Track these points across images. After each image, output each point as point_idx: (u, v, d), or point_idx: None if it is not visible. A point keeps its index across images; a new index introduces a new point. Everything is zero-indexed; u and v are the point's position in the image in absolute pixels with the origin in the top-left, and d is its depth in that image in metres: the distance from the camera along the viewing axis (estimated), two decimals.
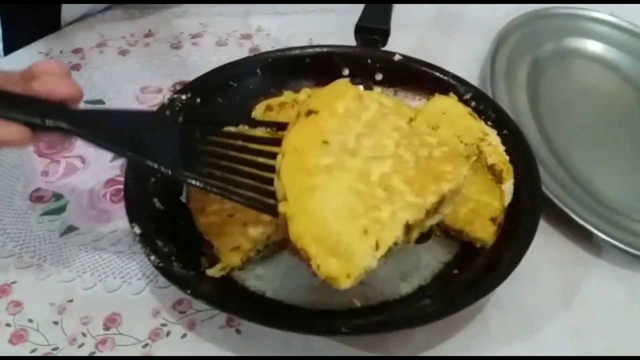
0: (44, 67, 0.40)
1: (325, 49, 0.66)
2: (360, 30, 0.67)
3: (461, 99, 0.60)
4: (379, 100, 0.46)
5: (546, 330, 0.49)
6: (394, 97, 0.63)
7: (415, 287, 0.48)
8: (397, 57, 0.64)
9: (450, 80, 0.62)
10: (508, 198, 0.52)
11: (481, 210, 0.51)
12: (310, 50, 0.66)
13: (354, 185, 0.39)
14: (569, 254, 0.54)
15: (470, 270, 0.48)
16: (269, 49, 0.68)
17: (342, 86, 0.45)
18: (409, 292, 0.47)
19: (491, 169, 0.54)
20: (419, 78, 0.63)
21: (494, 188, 0.53)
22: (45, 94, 0.39)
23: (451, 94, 0.60)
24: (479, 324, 0.48)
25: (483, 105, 0.59)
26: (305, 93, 0.62)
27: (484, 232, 0.50)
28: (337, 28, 0.74)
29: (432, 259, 0.50)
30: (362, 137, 0.42)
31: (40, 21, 0.75)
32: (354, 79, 0.63)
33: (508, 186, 0.53)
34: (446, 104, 0.60)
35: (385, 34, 0.67)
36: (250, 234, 0.47)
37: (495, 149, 0.56)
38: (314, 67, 0.64)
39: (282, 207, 0.37)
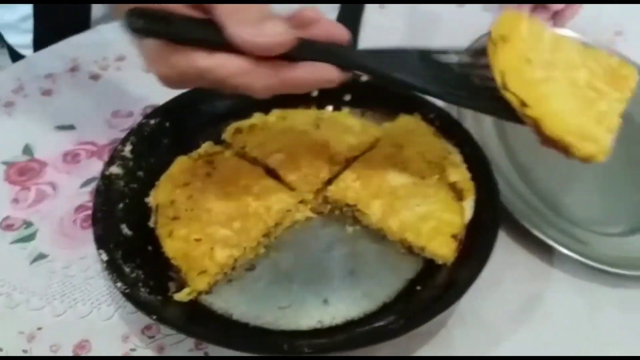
0: (312, 13, 0.41)
1: None
2: None
3: (426, 119, 0.62)
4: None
5: (508, 343, 0.50)
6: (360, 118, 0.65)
7: (379, 305, 0.49)
8: (364, 78, 0.65)
9: (416, 101, 0.63)
10: (469, 215, 0.54)
11: (443, 228, 0.52)
12: None
13: (571, 90, 0.46)
14: (531, 267, 0.56)
15: (432, 286, 0.50)
16: None
17: (513, 14, 0.48)
18: (373, 310, 0.48)
19: (453, 186, 0.56)
20: (385, 99, 0.64)
21: (456, 205, 0.55)
22: (326, 38, 0.41)
23: (416, 113, 0.62)
24: (442, 339, 0.50)
25: (447, 124, 0.61)
26: (274, 115, 0.63)
27: (445, 248, 0.51)
28: None
29: (396, 277, 0.51)
30: (553, 52, 0.47)
31: (70, 19, 0.78)
32: (323, 99, 0.65)
33: (469, 203, 0.55)
34: (411, 124, 0.62)
35: None
36: (217, 258, 0.48)
37: (457, 167, 0.57)
38: None
39: (529, 112, 0.43)
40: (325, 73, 0.41)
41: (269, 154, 0.58)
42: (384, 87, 0.63)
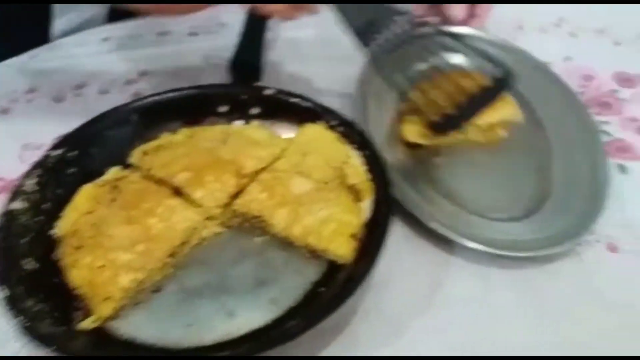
0: None
1: (199, 90, 0.68)
2: (233, 67, 0.71)
3: (330, 126, 0.64)
4: None
5: (410, 333, 0.53)
6: (268, 129, 0.67)
7: (285, 310, 0.51)
8: (267, 92, 0.67)
9: (319, 110, 0.65)
10: (366, 214, 0.57)
11: (342, 229, 0.55)
12: (186, 92, 0.68)
13: None
14: (431, 257, 0.59)
15: (334, 286, 0.52)
16: (152, 92, 0.70)
17: None
18: (279, 315, 0.50)
19: (352, 188, 0.59)
20: (290, 110, 0.66)
21: (354, 206, 0.57)
22: None
23: (320, 122, 0.65)
24: (348, 336, 0.52)
25: (349, 130, 0.63)
26: (182, 134, 0.65)
27: (345, 248, 0.54)
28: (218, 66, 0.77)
29: (301, 281, 0.53)
30: None
31: (29, 35, 0.78)
32: (232, 114, 0.67)
33: (366, 203, 0.58)
34: (316, 132, 0.64)
35: (257, 69, 0.71)
36: (120, 283, 0.49)
37: (356, 170, 0.60)
38: (191, 107, 0.67)
39: None
40: None
41: (174, 174, 0.58)
42: (290, 96, 0.67)
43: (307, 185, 0.59)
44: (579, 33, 0.89)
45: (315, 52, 0.82)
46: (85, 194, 0.57)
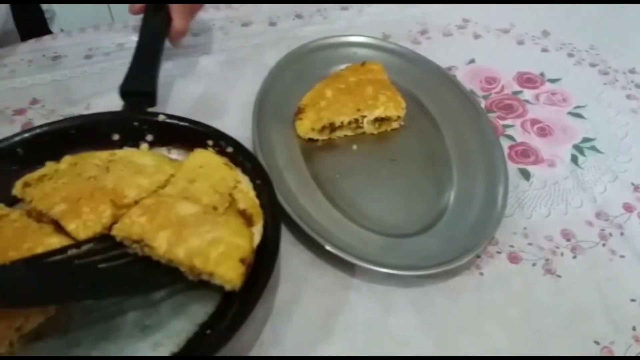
0: None
1: (90, 118, 0.65)
2: (125, 94, 0.67)
3: (223, 151, 0.62)
4: None
5: None
6: (158, 154, 0.64)
7: (169, 355, 0.48)
8: (161, 117, 0.64)
9: (212, 134, 0.63)
10: (257, 239, 0.54)
11: (232, 252, 0.52)
12: (77, 121, 0.64)
13: None
14: (331, 280, 0.57)
15: (220, 327, 0.49)
16: (44, 122, 0.66)
17: None
18: None
19: (242, 213, 0.56)
20: (184, 135, 0.64)
21: (246, 230, 0.55)
22: None
23: (210, 147, 0.62)
24: None
25: (241, 156, 0.61)
26: (66, 162, 0.61)
27: (233, 272, 0.50)
28: (115, 90, 0.73)
29: (187, 323, 0.50)
30: None
31: None
32: (125, 143, 0.64)
33: (258, 228, 0.55)
34: (204, 158, 0.62)
35: (150, 95, 0.68)
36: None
37: (246, 195, 0.57)
38: (82, 137, 0.63)
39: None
40: None
41: (52, 205, 0.55)
42: (181, 121, 0.65)
43: (193, 208, 0.55)
44: (483, 34, 0.89)
45: (215, 73, 0.80)
46: None
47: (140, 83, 0.68)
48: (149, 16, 0.75)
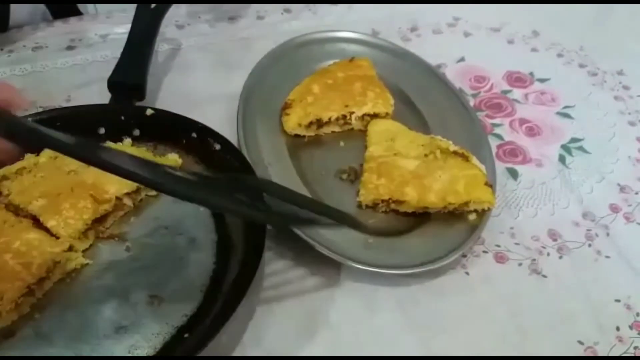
0: None
1: (76, 110, 0.63)
2: (113, 86, 0.66)
3: (212, 149, 0.61)
4: None
5: None
6: (142, 150, 0.62)
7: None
8: (148, 112, 0.63)
9: (200, 131, 0.62)
10: (482, 167, 0.62)
11: (474, 181, 0.60)
12: (63, 112, 0.63)
13: None
14: (316, 279, 0.56)
15: (198, 329, 0.48)
16: (23, 114, 0.64)
17: None
18: None
19: (455, 153, 0.62)
20: (171, 130, 0.63)
21: (469, 164, 0.62)
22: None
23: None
24: None
25: (228, 154, 0.60)
26: (46, 155, 0.59)
27: (487, 194, 0.59)
28: (97, 82, 0.72)
29: (164, 325, 0.49)
30: None
31: None
32: (110, 137, 0.62)
33: (475, 160, 0.62)
34: (384, 124, 0.68)
35: (139, 88, 0.66)
36: None
37: (446, 142, 0.64)
38: (67, 129, 0.59)
39: None
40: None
41: (31, 200, 0.54)
42: (171, 123, 0.63)
43: (415, 161, 0.62)
44: (474, 32, 0.89)
45: (200, 66, 0.79)
46: None
47: (130, 75, 0.67)
48: (142, 8, 0.73)
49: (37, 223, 0.54)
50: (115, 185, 0.56)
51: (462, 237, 0.58)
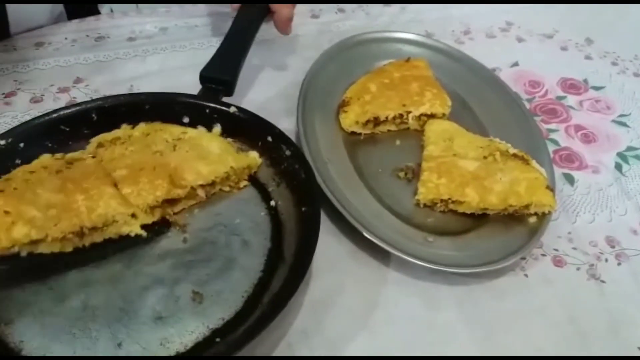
0: None
1: (165, 97, 0.65)
2: (204, 79, 0.66)
3: (283, 155, 0.61)
4: None
5: (349, 351, 0.51)
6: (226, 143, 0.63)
7: (172, 355, 0.48)
8: (232, 109, 0.64)
9: (276, 136, 0.62)
10: (542, 170, 0.63)
11: (536, 184, 0.60)
12: (151, 97, 0.64)
13: None
14: (374, 274, 0.57)
15: (230, 336, 0.48)
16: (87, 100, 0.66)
17: None
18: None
19: (515, 156, 0.63)
20: (249, 130, 0.63)
21: (529, 167, 0.62)
22: None
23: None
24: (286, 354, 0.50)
25: (298, 165, 0.59)
26: (140, 129, 0.62)
27: (547, 197, 0.59)
28: (159, 75, 0.74)
29: (200, 325, 0.49)
30: None
31: None
32: (194, 126, 0.63)
33: (535, 163, 0.63)
34: (441, 125, 0.69)
35: (229, 85, 0.66)
36: (13, 232, 0.48)
37: (505, 144, 0.66)
38: (154, 113, 0.63)
39: None
40: None
41: (116, 168, 0.57)
42: (251, 124, 0.63)
43: (475, 162, 0.62)
44: (527, 38, 0.89)
45: (255, 63, 0.79)
46: (41, 160, 0.57)
47: (222, 70, 0.67)
48: (246, 7, 0.74)
49: (117, 188, 0.56)
50: (193, 175, 0.57)
51: (521, 240, 0.58)
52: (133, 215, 0.54)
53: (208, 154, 0.61)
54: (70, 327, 0.48)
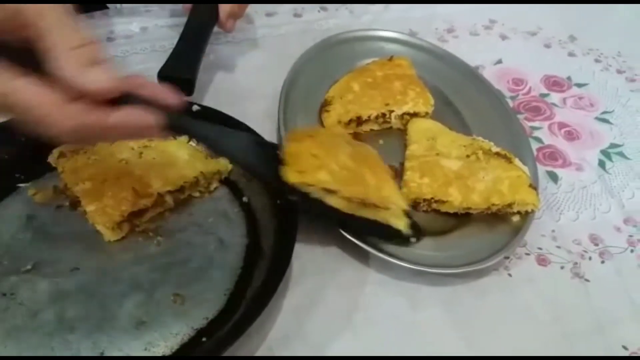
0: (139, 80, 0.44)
1: (121, 99, 0.62)
2: (162, 79, 0.65)
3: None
4: None
5: (332, 354, 0.50)
6: (195, 149, 0.62)
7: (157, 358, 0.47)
8: (195, 108, 0.63)
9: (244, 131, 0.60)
10: (525, 169, 0.62)
11: (519, 182, 0.60)
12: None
13: None
14: (356, 275, 0.56)
15: (216, 336, 0.48)
16: None
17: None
18: None
19: (498, 154, 0.63)
20: None
21: (512, 165, 0.62)
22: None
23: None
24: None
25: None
26: None
27: (531, 196, 0.59)
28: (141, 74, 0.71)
29: (184, 326, 0.49)
30: None
31: None
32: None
33: (518, 162, 0.62)
34: (423, 124, 0.68)
35: (188, 83, 0.65)
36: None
37: (487, 143, 0.65)
38: None
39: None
40: (142, 119, 0.42)
41: (77, 182, 0.55)
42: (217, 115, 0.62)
43: (458, 162, 0.62)
44: (510, 35, 0.89)
45: (238, 62, 0.79)
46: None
47: (181, 69, 0.66)
48: (198, 6, 0.73)
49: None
50: (160, 181, 0.56)
51: (505, 239, 0.58)
52: None
53: (176, 161, 0.59)
54: (49, 341, 0.47)
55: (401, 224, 0.56)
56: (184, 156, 0.60)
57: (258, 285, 0.51)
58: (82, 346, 0.47)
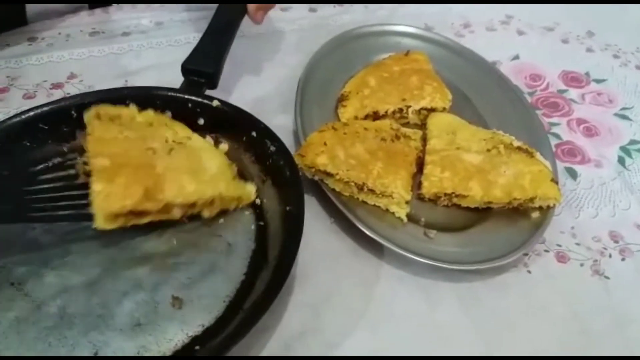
0: None
1: (145, 90, 0.62)
2: (186, 71, 0.64)
3: (268, 151, 0.58)
4: None
5: (348, 352, 0.50)
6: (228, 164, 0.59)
7: None
8: (215, 103, 0.61)
9: (260, 131, 0.59)
10: (547, 163, 0.61)
11: (540, 177, 0.59)
12: (132, 91, 0.61)
13: None
14: (374, 271, 0.56)
15: (209, 346, 0.46)
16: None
17: None
18: None
19: (519, 149, 0.62)
20: (234, 126, 0.61)
21: (533, 160, 0.61)
22: None
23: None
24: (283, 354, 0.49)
25: (283, 161, 0.57)
26: (145, 116, 0.58)
27: (552, 190, 0.58)
28: (154, 70, 0.72)
29: (179, 332, 0.48)
30: None
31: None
32: (177, 121, 0.60)
33: (539, 156, 0.62)
34: (445, 118, 0.68)
35: (212, 77, 0.64)
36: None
37: (509, 137, 0.64)
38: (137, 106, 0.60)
39: None
40: None
41: (98, 154, 0.52)
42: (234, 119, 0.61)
43: (479, 156, 0.61)
44: (527, 31, 0.88)
45: (252, 56, 0.78)
46: (378, 123, 0.65)
47: (205, 63, 0.65)
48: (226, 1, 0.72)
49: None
50: (174, 190, 0.52)
51: (525, 235, 0.57)
52: None
53: (202, 171, 0.55)
54: (47, 336, 0.46)
55: (402, 212, 0.58)
56: (212, 168, 0.56)
57: (257, 295, 0.49)
58: (77, 344, 0.46)
